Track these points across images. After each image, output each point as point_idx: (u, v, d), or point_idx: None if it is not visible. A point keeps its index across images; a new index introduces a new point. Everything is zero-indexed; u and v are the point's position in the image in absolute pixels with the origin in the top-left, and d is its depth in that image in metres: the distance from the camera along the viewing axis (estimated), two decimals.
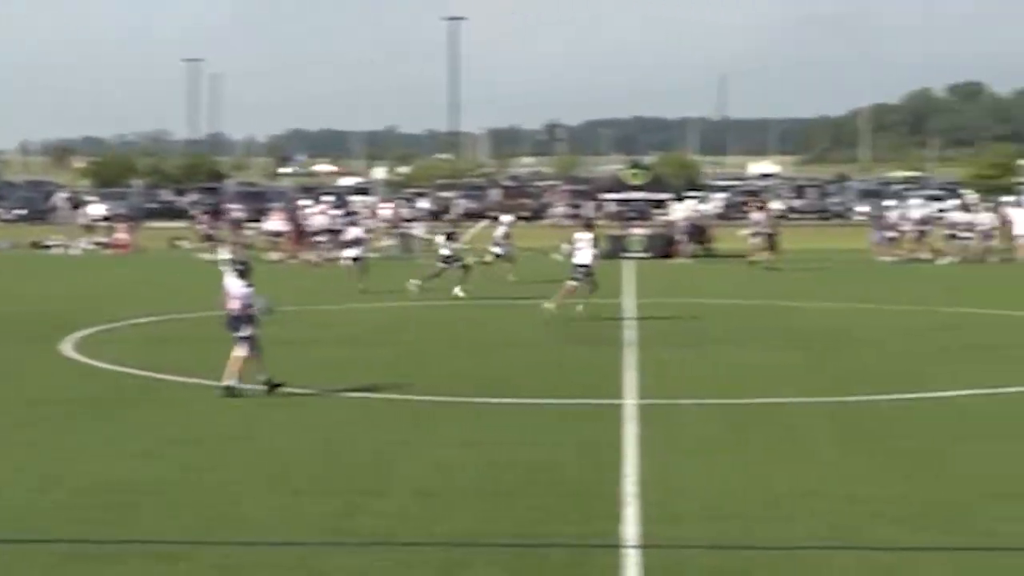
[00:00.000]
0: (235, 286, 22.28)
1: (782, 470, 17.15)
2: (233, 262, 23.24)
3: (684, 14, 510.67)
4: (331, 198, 71.67)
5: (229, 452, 18.49)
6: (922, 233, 57.83)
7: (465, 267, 41.01)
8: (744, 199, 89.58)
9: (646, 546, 13.50)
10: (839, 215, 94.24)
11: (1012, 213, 59.76)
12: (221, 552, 13.51)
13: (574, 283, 34.44)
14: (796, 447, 18.67)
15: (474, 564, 13.02)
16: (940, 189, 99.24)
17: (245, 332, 22.01)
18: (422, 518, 14.78)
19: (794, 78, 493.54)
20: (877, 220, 60.22)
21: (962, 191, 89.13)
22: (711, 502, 15.42)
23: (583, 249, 34.61)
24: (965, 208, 62.60)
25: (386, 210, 67.78)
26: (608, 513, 14.80)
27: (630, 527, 14.24)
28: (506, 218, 50.87)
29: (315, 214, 60.04)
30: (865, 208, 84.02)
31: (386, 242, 60.08)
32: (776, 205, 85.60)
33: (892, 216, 60.08)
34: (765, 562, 13.15)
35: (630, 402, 22.04)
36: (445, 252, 40.98)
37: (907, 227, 58.24)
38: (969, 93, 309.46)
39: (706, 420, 20.82)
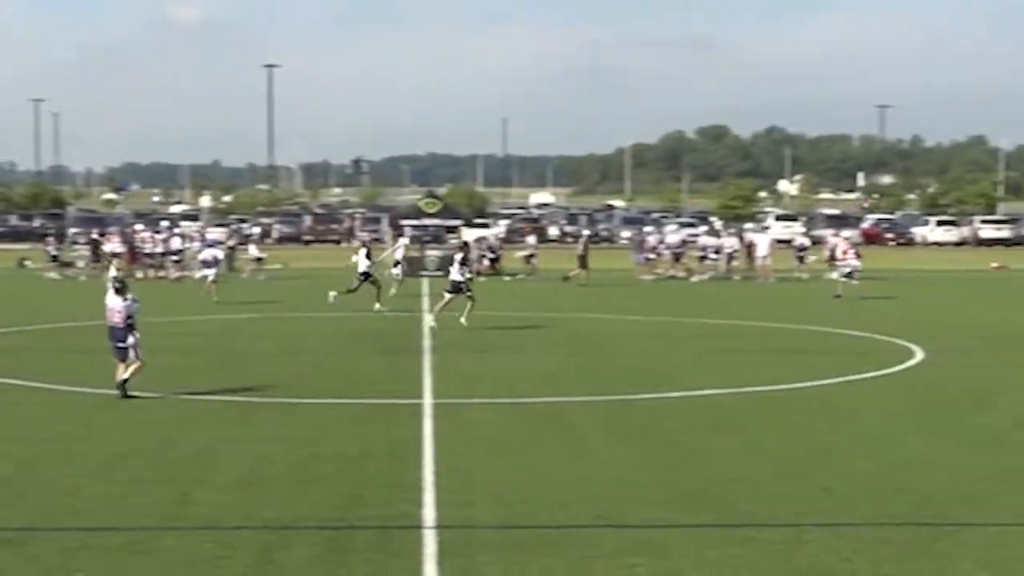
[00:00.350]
0: (116, 302, 21.87)
1: (562, 460, 17.24)
2: (114, 280, 22.84)
3: (472, 62, 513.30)
4: (166, 223, 70.69)
5: (69, 448, 18.05)
6: (677, 255, 58.63)
7: (375, 283, 40.45)
8: (523, 225, 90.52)
9: (443, 527, 13.51)
10: (607, 239, 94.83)
11: (755, 238, 61.03)
12: (62, 537, 13.24)
13: (463, 295, 34.42)
14: (574, 440, 18.78)
15: (292, 545, 12.89)
16: (692, 217, 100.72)
17: (131, 341, 21.69)
18: (245, 505, 14.61)
19: (568, 120, 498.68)
20: (639, 244, 60.78)
21: (711, 219, 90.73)
22: (500, 488, 15.44)
23: (456, 270, 34.73)
24: (713, 233, 63.68)
25: (216, 233, 67.42)
26: (409, 498, 14.78)
27: (429, 510, 14.24)
28: (404, 240, 52.15)
29: (170, 237, 59.48)
30: (628, 233, 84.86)
31: None
32: (553, 231, 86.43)
33: (651, 240, 60.72)
34: (550, 539, 13.20)
35: (428, 402, 21.98)
36: (362, 269, 40.58)
37: (664, 250, 59.03)
38: (716, 135, 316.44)
39: (495, 417, 20.80)
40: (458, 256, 35.47)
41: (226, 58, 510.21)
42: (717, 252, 58.25)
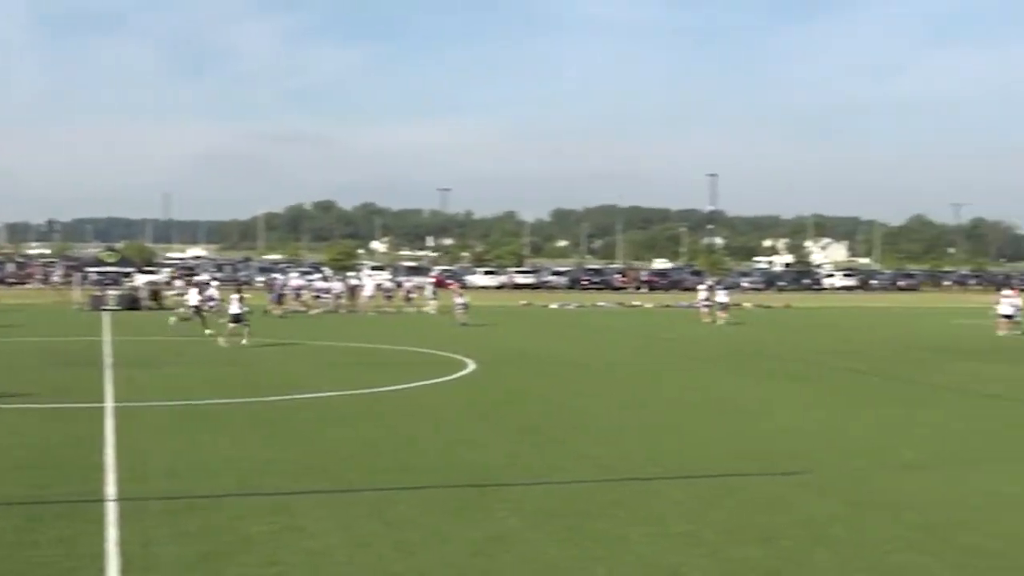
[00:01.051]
0: None
1: (216, 445, 16.83)
2: None
3: (144, 145, 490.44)
4: None
5: None
6: (299, 294, 58.20)
7: (202, 315, 40.38)
8: (180, 273, 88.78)
9: (122, 499, 12.97)
10: (246, 283, 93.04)
11: (363, 282, 61.67)
12: None
13: (235, 325, 35.58)
14: (226, 431, 18.30)
15: None
16: (310, 267, 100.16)
17: None
18: None
19: (216, 192, 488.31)
20: (271, 286, 60.04)
21: (323, 268, 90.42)
22: (167, 467, 14.96)
23: (235, 304, 35.98)
24: (325, 279, 63.72)
25: None
26: (95, 478, 14.13)
27: (110, 487, 13.64)
28: (214, 281, 50.40)
29: None
30: (262, 278, 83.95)
31: None
32: (203, 276, 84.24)
33: (279, 283, 60.13)
34: (206, 505, 12.80)
35: (109, 404, 21.03)
36: (193, 304, 40.55)
37: (289, 291, 58.48)
38: (326, 207, 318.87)
39: (165, 415, 20.09)
40: (236, 296, 36.49)
41: None
42: (328, 292, 58.37)
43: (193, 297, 41.16)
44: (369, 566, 10.49)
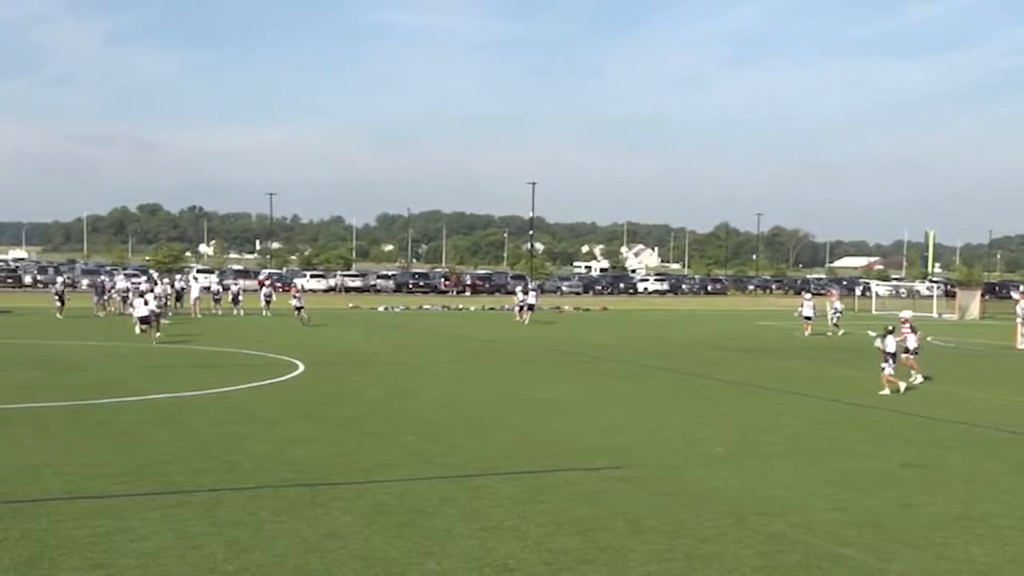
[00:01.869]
0: None
1: (37, 449, 16.13)
2: None
3: None
4: None
5: None
6: (124, 298, 56.15)
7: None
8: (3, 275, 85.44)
9: None
10: (71, 285, 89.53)
11: (190, 285, 60.10)
12: None
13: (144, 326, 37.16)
14: (48, 433, 17.58)
15: None
16: (136, 270, 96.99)
17: None
18: None
19: (37, 194, 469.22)
20: (98, 288, 57.94)
21: (150, 271, 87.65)
22: None
23: (140, 307, 37.89)
24: (152, 282, 61.82)
25: None
26: None
27: None
28: (122, 284, 51.15)
29: None
30: (87, 281, 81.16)
31: None
32: (27, 279, 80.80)
33: (108, 284, 58.12)
34: (28, 509, 12.24)
35: None
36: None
37: (115, 294, 56.42)
38: (152, 210, 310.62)
39: None
40: (140, 300, 38.27)
41: None
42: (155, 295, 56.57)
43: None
44: (201, 566, 10.23)
